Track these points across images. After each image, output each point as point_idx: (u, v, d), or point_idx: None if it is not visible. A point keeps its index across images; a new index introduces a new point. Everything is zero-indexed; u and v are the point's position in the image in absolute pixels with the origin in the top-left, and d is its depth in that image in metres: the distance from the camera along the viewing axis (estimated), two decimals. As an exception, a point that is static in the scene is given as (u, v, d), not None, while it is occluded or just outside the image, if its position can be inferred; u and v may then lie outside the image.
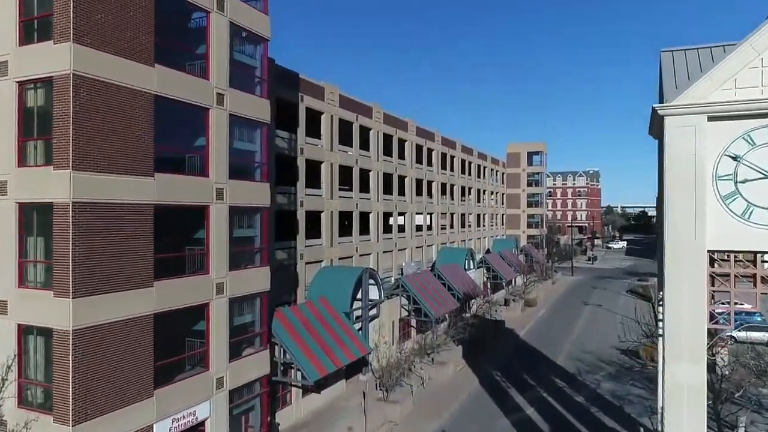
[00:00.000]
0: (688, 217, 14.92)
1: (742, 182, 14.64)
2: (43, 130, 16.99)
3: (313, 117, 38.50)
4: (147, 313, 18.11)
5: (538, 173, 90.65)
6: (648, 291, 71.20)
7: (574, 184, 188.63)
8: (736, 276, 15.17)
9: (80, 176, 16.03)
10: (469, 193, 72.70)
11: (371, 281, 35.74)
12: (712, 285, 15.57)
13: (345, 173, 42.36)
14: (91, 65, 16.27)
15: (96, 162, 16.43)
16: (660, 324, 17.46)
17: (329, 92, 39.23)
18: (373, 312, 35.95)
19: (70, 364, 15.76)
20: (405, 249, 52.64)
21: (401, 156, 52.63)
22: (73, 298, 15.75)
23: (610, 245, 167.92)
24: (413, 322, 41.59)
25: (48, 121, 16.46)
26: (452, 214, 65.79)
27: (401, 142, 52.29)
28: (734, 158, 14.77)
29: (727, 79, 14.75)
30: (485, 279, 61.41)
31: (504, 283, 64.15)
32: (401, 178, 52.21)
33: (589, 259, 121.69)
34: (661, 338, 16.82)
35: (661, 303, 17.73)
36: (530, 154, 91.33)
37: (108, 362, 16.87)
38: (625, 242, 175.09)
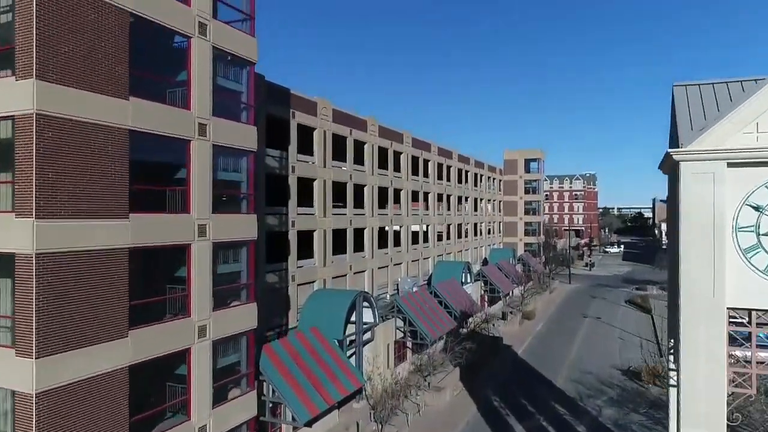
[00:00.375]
0: (706, 271, 13.76)
1: (765, 234, 13.51)
2: (6, 169, 15.67)
3: (306, 133, 37.26)
4: (122, 366, 16.82)
5: (535, 180, 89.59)
6: (647, 302, 70.36)
7: (570, 187, 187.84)
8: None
9: (45, 225, 14.70)
10: (466, 203, 71.56)
11: (365, 304, 34.54)
12: (731, 344, 14.41)
13: (339, 189, 41.13)
14: (57, 103, 14.95)
15: (63, 207, 15.13)
16: (672, 375, 16.30)
17: (322, 107, 37.98)
18: (368, 336, 34.73)
19: (34, 425, 14.48)
20: (401, 263, 51.44)
21: (397, 169, 51.42)
22: (36, 358, 14.45)
23: (607, 249, 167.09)
24: (409, 343, 40.40)
25: (11, 159, 15.15)
26: (449, 225, 64.65)
27: (397, 155, 51.08)
28: (756, 208, 13.63)
29: (749, 122, 13.61)
30: (483, 292, 60.27)
31: (501, 296, 63.03)
32: (397, 192, 51.01)
33: (586, 265, 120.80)
34: (674, 394, 15.63)
35: (671, 353, 16.58)
36: (527, 161, 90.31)
37: (80, 425, 15.57)
38: (622, 246, 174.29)
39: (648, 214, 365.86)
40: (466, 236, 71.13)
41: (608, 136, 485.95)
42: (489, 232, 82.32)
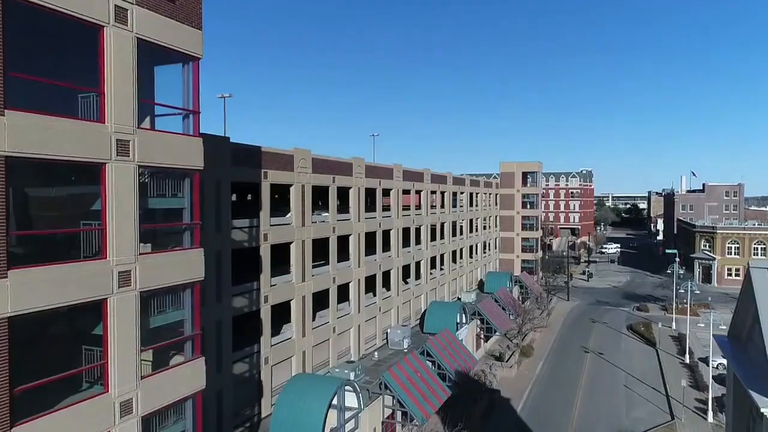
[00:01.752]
0: None
1: None
2: None
3: (281, 192, 33.03)
4: (-1, 319, 12.34)
5: (533, 194, 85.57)
6: (650, 330, 66.91)
7: (567, 185, 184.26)
8: None
9: None
10: (461, 228, 67.55)
11: (348, 388, 30.61)
12: None
13: (321, 245, 37.01)
14: None
15: None
16: None
17: (300, 159, 33.66)
18: (351, 426, 30.87)
19: None
20: (390, 309, 47.58)
21: (386, 208, 47.28)
22: None
23: (603, 249, 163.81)
24: (399, 417, 36.60)
25: None
26: (442, 255, 60.71)
27: (386, 192, 46.90)
28: None
29: None
30: (479, 330, 56.53)
31: (499, 334, 59.15)
32: (386, 233, 46.90)
33: (583, 273, 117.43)
34: None
35: None
36: (525, 174, 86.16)
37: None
38: (618, 246, 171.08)
39: (642, 205, 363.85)
40: (461, 261, 67.27)
41: (600, 125, 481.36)
42: (485, 249, 78.50)
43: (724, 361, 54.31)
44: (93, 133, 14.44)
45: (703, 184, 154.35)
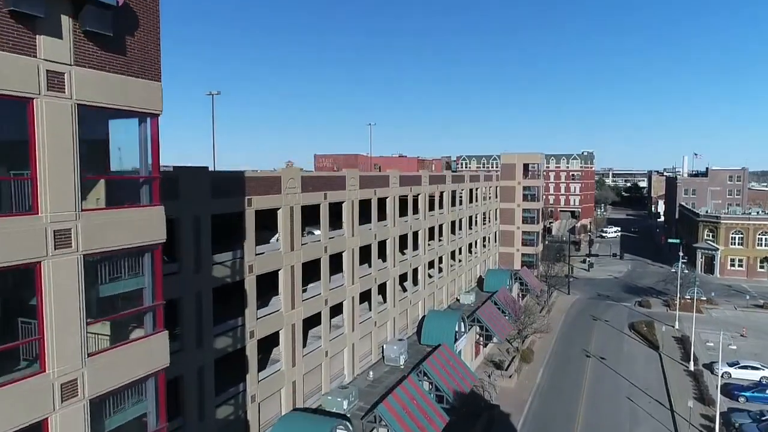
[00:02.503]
0: None
1: None
2: None
3: (267, 217, 30.80)
4: None
5: (534, 187, 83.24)
6: (652, 330, 65.43)
7: (567, 167, 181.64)
8: None
9: None
10: (460, 226, 65.46)
11: (341, 428, 28.92)
12: None
13: (311, 266, 34.98)
14: None
15: None
16: None
17: (288, 179, 31.36)
18: (343, 466, 29.30)
19: None
20: (386, 321, 45.81)
21: (382, 217, 45.11)
22: None
23: (603, 234, 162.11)
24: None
25: None
26: (441, 257, 58.74)
27: (382, 201, 44.66)
28: None
29: None
30: (478, 337, 54.86)
31: (499, 342, 57.28)
32: (382, 243, 44.82)
33: (584, 261, 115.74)
34: None
35: None
36: (526, 166, 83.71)
37: None
38: (618, 229, 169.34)
39: (642, 183, 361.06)
40: (460, 260, 65.37)
41: (600, 98, 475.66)
42: (485, 244, 76.57)
43: (731, 370, 53.09)
44: (23, 228, 12.21)
45: (707, 169, 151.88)
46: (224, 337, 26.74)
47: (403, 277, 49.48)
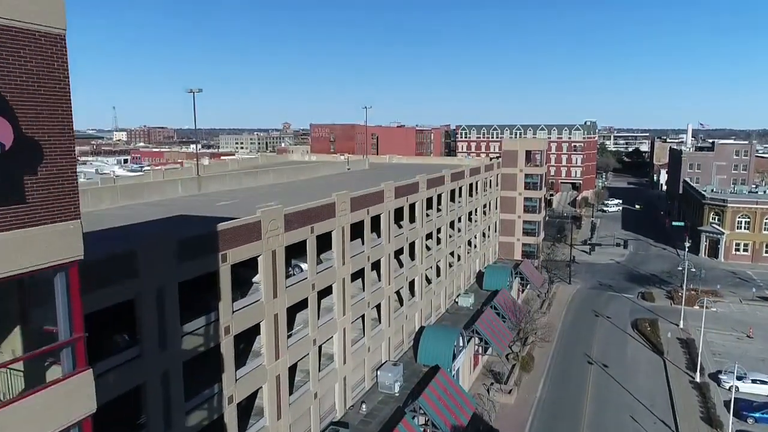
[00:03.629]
0: None
1: None
2: None
3: (246, 266, 27.80)
4: None
5: (537, 175, 79.86)
6: (656, 330, 63.41)
7: (570, 138, 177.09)
8: None
9: None
10: (459, 224, 62.53)
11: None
12: None
13: (298, 306, 32.27)
14: None
15: None
16: None
17: (269, 221, 28.25)
18: None
19: None
20: (381, 342, 43.44)
21: (376, 234, 42.10)
22: None
23: (605, 208, 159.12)
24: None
25: None
26: (438, 262, 56.04)
27: (375, 220, 41.54)
28: None
29: None
30: (476, 348, 52.64)
31: (499, 355, 54.85)
32: (375, 264, 41.97)
33: (585, 243, 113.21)
34: None
35: None
36: (528, 153, 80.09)
37: None
38: (620, 202, 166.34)
39: (644, 147, 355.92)
40: (459, 260, 62.72)
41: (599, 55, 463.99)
42: (485, 237, 73.80)
43: (738, 384, 51.18)
44: None
45: (713, 142, 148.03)
46: (198, 411, 24.18)
47: (399, 292, 46.92)
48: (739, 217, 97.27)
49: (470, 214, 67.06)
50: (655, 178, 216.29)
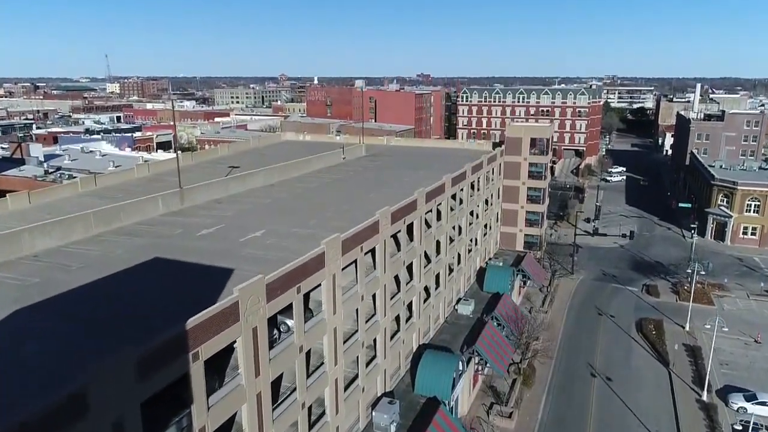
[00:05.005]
0: None
1: None
2: None
3: (226, 350, 24.92)
4: None
5: (541, 164, 76.08)
6: (662, 339, 61.36)
7: (574, 103, 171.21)
8: None
9: None
10: (459, 228, 59.44)
11: None
12: None
13: (287, 365, 29.65)
14: None
15: None
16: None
17: (249, 297, 25.17)
18: None
19: None
20: (377, 377, 41.19)
21: (371, 263, 39.13)
22: None
23: (608, 177, 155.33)
24: None
25: None
26: (437, 274, 53.27)
27: (373, 253, 38.45)
28: None
29: None
30: (476, 367, 50.52)
31: (501, 375, 52.39)
32: (372, 299, 39.18)
33: (588, 221, 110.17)
34: None
35: None
36: (533, 140, 76.05)
37: None
38: (623, 170, 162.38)
39: (649, 103, 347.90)
40: (459, 264, 59.96)
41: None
42: (486, 231, 70.84)
43: (747, 405, 49.44)
44: None
45: (723, 111, 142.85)
46: None
47: (397, 316, 44.36)
48: (749, 200, 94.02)
49: (471, 212, 63.84)
50: (659, 141, 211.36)
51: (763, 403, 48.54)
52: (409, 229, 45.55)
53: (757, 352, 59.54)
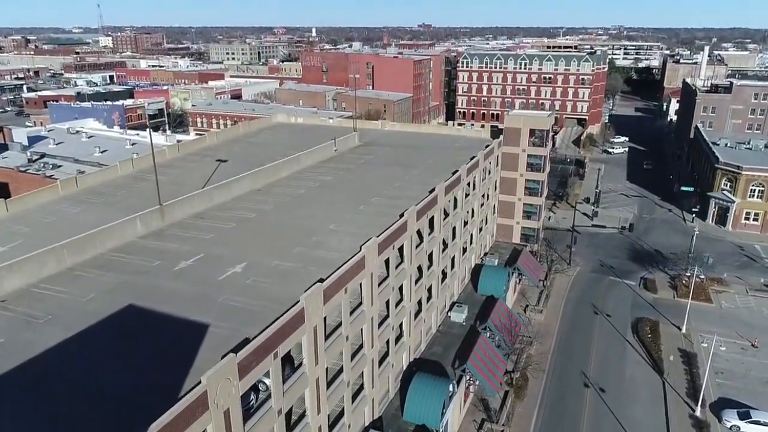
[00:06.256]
0: None
1: None
2: None
3: None
4: None
5: (540, 156, 73.48)
6: (658, 345, 60.48)
7: (578, 70, 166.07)
8: None
9: None
10: (453, 234, 57.63)
11: None
12: None
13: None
14: None
15: None
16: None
17: (220, 383, 23.65)
18: None
19: None
20: (364, 408, 40.32)
21: (357, 295, 37.54)
22: None
23: (610, 149, 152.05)
24: None
25: None
26: (430, 287, 51.83)
27: (360, 286, 36.76)
28: None
29: None
30: (467, 383, 49.71)
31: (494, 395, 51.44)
32: (360, 332, 37.78)
33: (588, 200, 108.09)
34: None
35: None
36: (532, 131, 73.15)
37: None
38: (626, 140, 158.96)
39: (655, 61, 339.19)
40: (453, 269, 58.47)
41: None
42: (482, 226, 69.03)
43: (740, 424, 48.86)
44: None
45: (731, 83, 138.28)
46: None
47: (387, 342, 43.15)
48: (753, 186, 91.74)
49: (467, 212, 61.86)
50: (664, 106, 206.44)
51: (756, 422, 47.97)
52: (400, 252, 43.77)
53: (753, 358, 58.74)
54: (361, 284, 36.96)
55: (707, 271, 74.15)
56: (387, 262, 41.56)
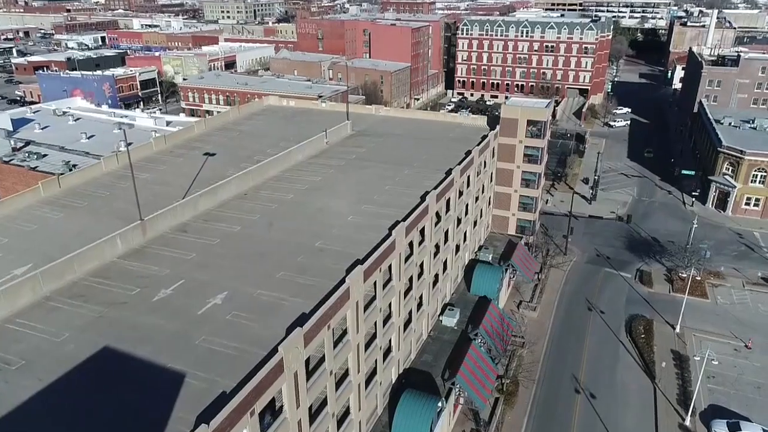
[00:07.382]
0: None
1: None
2: None
3: None
4: None
5: (537, 148, 71.40)
6: (650, 344, 60.20)
7: (581, 38, 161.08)
8: None
9: None
10: (446, 237, 56.37)
11: None
12: None
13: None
14: None
15: None
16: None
17: None
18: None
19: None
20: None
21: (342, 326, 36.64)
22: None
23: (612, 123, 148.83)
24: None
25: None
26: (421, 296, 50.98)
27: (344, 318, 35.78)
28: None
29: None
30: (457, 395, 49.40)
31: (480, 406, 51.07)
32: (345, 361, 37.03)
33: (586, 182, 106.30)
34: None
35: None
36: (530, 123, 70.80)
37: None
38: (629, 111, 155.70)
39: (661, 22, 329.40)
40: (445, 270, 57.52)
41: None
42: (476, 222, 67.74)
43: (727, 432, 48.68)
44: None
45: (738, 55, 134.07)
46: None
47: (375, 361, 42.54)
48: (755, 171, 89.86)
49: (461, 211, 60.45)
50: (669, 73, 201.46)
51: (746, 435, 47.94)
52: (389, 270, 42.62)
53: (746, 360, 58.43)
54: (346, 315, 35.99)
55: (704, 264, 73.19)
56: (375, 284, 40.49)
